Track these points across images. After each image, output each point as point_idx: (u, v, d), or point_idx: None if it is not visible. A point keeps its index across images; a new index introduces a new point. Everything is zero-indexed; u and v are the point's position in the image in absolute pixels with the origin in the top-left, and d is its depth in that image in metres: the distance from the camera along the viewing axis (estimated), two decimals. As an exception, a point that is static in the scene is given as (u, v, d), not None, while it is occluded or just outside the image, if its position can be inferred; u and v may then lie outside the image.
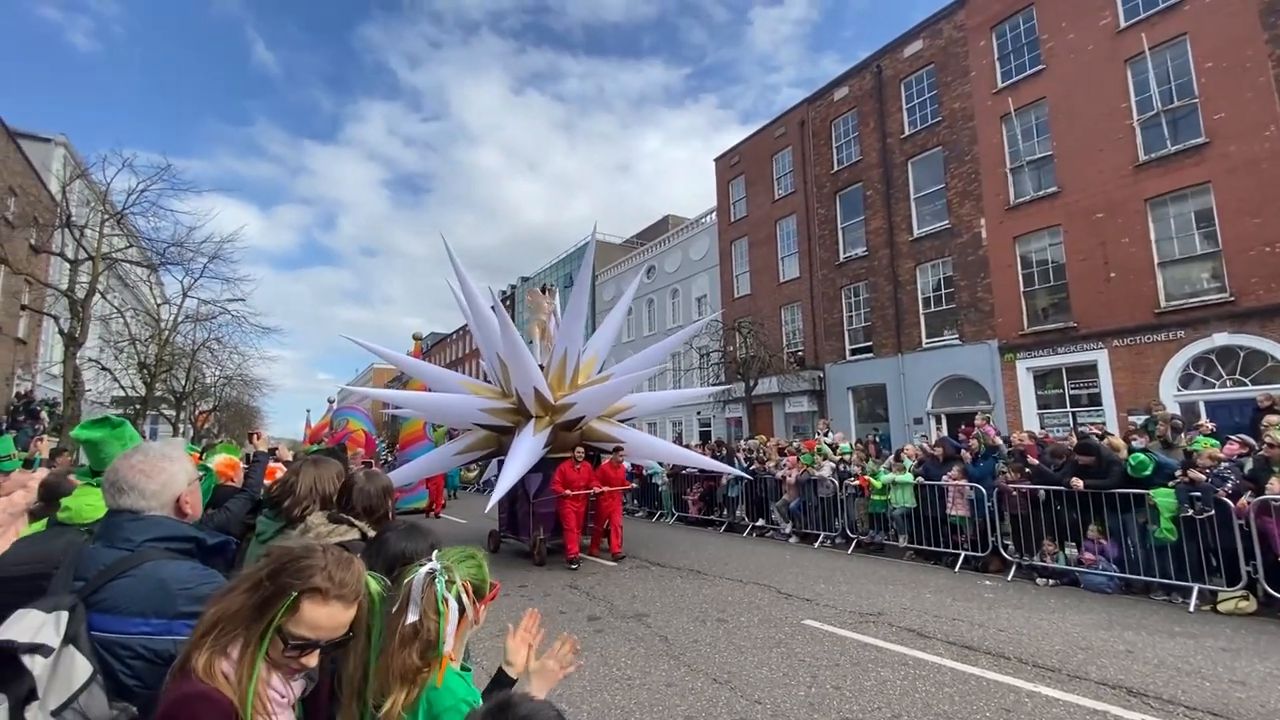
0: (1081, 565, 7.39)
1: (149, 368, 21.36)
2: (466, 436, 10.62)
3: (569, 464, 9.36)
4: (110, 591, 1.40)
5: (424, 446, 17.14)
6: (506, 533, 10.64)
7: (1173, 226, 13.84)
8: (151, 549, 1.51)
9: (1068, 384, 15.38)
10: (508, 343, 8.78)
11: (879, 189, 20.22)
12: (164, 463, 1.69)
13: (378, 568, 1.80)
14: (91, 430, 2.52)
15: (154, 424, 27.60)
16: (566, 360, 9.69)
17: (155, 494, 1.63)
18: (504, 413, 9.55)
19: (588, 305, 9.82)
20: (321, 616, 1.20)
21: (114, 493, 1.62)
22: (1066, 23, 15.75)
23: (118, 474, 1.64)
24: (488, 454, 10.76)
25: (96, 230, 17.32)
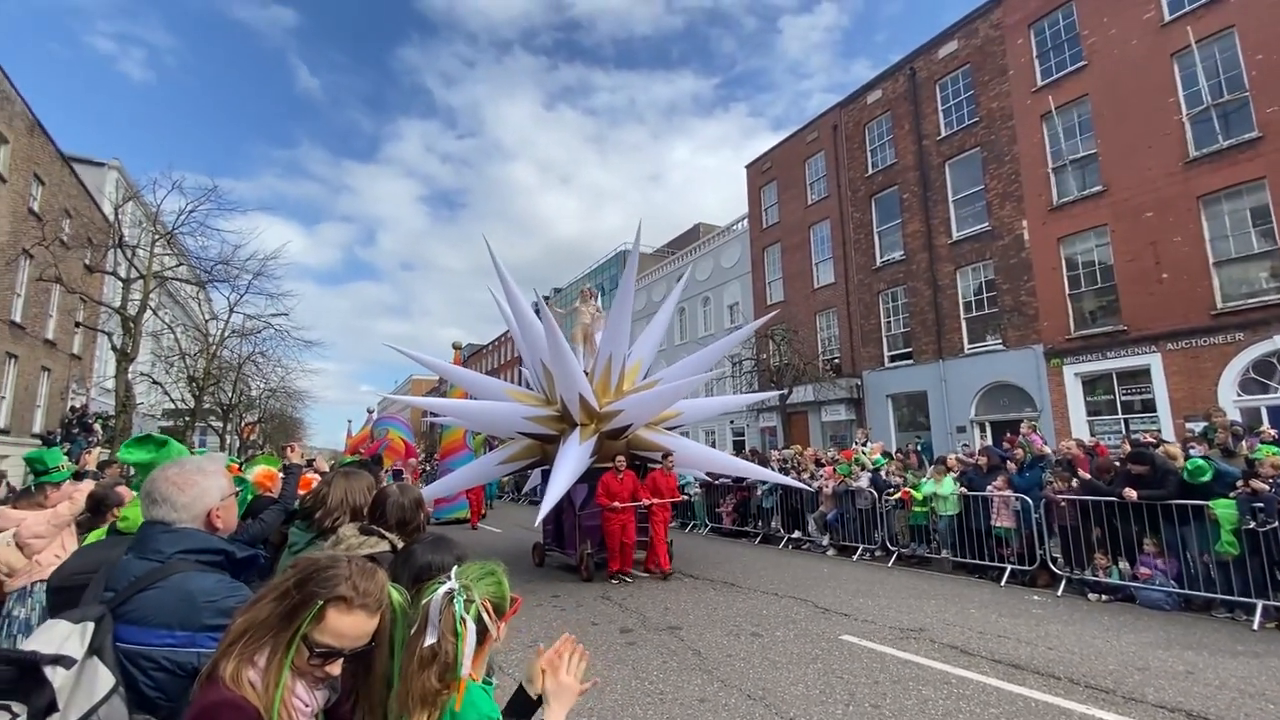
0: (1136, 580, 7.04)
1: (197, 381, 22.19)
2: (509, 445, 10.34)
3: (610, 474, 9.01)
4: (138, 603, 1.42)
5: (464, 456, 17.19)
6: (552, 545, 10.29)
7: (1227, 224, 13.20)
8: (181, 561, 1.53)
9: (1119, 390, 14.75)
10: (553, 347, 8.49)
11: (915, 192, 19.82)
12: (197, 476, 1.72)
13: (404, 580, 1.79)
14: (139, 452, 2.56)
15: (202, 435, 28.63)
16: (611, 365, 9.31)
17: (186, 506, 1.65)
18: (548, 420, 9.22)
19: (632, 309, 9.36)
20: (346, 625, 1.22)
21: (148, 504, 1.66)
22: (1108, 18, 15.25)
23: (153, 485, 1.68)
24: (531, 463, 10.44)
25: (147, 250, 18.12)
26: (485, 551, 10.20)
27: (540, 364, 9.49)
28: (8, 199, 16.53)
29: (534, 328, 9.28)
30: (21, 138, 17.14)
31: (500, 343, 59.44)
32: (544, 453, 9.75)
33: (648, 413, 9.12)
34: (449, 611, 1.31)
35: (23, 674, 1.23)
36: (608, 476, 8.97)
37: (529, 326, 9.37)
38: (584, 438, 8.66)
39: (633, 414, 8.90)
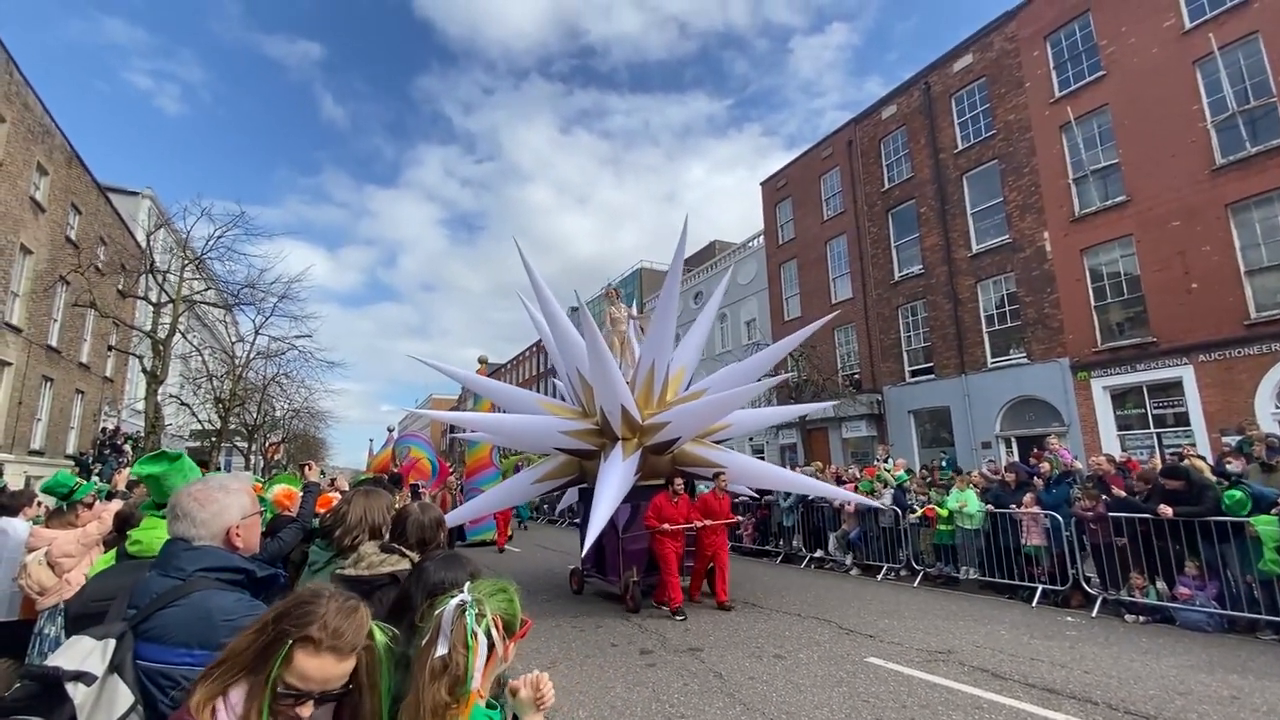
0: (1175, 601, 6.78)
1: (224, 402, 22.61)
2: (544, 462, 9.59)
3: (665, 496, 8.10)
4: (159, 620, 1.42)
5: (490, 474, 16.65)
6: (591, 571, 9.27)
7: (1259, 232, 12.89)
8: (202, 579, 1.54)
9: (1150, 403, 14.37)
10: (593, 354, 7.65)
11: (933, 205, 19.69)
12: (219, 493, 1.73)
13: (417, 596, 1.79)
14: (151, 465, 2.60)
15: (228, 456, 29.11)
16: (654, 374, 8.52)
17: (205, 523, 1.66)
18: (586, 435, 8.53)
19: (676, 311, 8.54)
20: (312, 667, 1.15)
21: (171, 519, 1.68)
22: (1126, 27, 15.13)
23: (176, 500, 1.70)
24: (568, 481, 9.64)
25: (177, 275, 18.63)
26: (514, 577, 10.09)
27: (577, 373, 8.84)
28: (47, 228, 17.15)
29: (569, 334, 8.69)
30: (60, 169, 17.82)
31: (520, 360, 59.70)
32: (582, 470, 9.07)
33: (697, 425, 8.30)
34: (460, 623, 1.30)
35: (46, 689, 1.24)
36: (661, 499, 8.08)
37: (564, 333, 8.71)
38: (627, 453, 7.93)
39: (680, 426, 8.09)
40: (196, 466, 2.75)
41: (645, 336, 8.84)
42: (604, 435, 8.41)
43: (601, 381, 7.82)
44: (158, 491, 2.61)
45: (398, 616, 1.86)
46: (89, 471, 13.31)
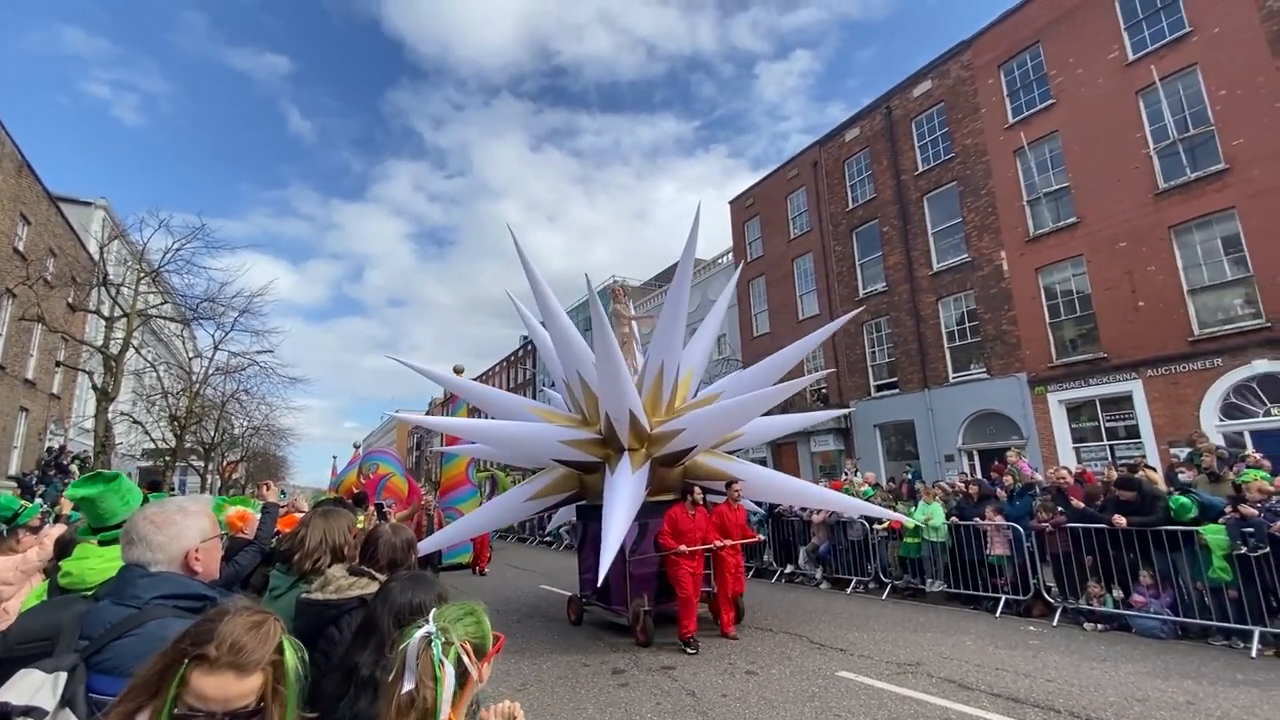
0: (1131, 608, 7.01)
1: (179, 420, 21.81)
2: (539, 477, 8.64)
3: (681, 510, 7.28)
4: (113, 651, 1.37)
5: (466, 492, 15.67)
6: (591, 598, 8.23)
7: (1200, 253, 13.58)
8: (159, 606, 1.48)
9: (1103, 416, 14.91)
10: (602, 354, 6.83)
11: (895, 225, 20.26)
12: (177, 515, 1.67)
13: (385, 618, 1.75)
14: (86, 487, 2.41)
15: (183, 475, 28.02)
16: (663, 377, 7.73)
17: (162, 546, 1.60)
18: (588, 445, 7.69)
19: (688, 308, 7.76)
20: (209, 686, 1.09)
21: (126, 544, 1.61)
22: (1074, 58, 15.91)
23: (132, 524, 1.63)
24: (567, 498, 8.67)
25: (132, 288, 17.99)
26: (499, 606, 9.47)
27: (578, 376, 8.04)
28: (-9, 239, 16.41)
29: (569, 332, 7.88)
30: (10, 178, 17.12)
31: (490, 375, 59.03)
32: (582, 484, 8.26)
33: (715, 432, 7.52)
34: (426, 655, 1.27)
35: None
36: (677, 512, 7.25)
37: (563, 331, 7.85)
38: (636, 465, 7.20)
39: (696, 434, 7.33)
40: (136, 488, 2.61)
41: (653, 335, 7.93)
42: (608, 445, 7.59)
43: (610, 385, 7.00)
44: (93, 516, 2.45)
45: (364, 639, 1.81)
46: (31, 493, 12.67)
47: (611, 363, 6.79)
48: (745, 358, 24.09)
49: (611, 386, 7.02)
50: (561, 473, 8.34)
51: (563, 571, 13.79)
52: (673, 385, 7.98)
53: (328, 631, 2.34)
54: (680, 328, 7.69)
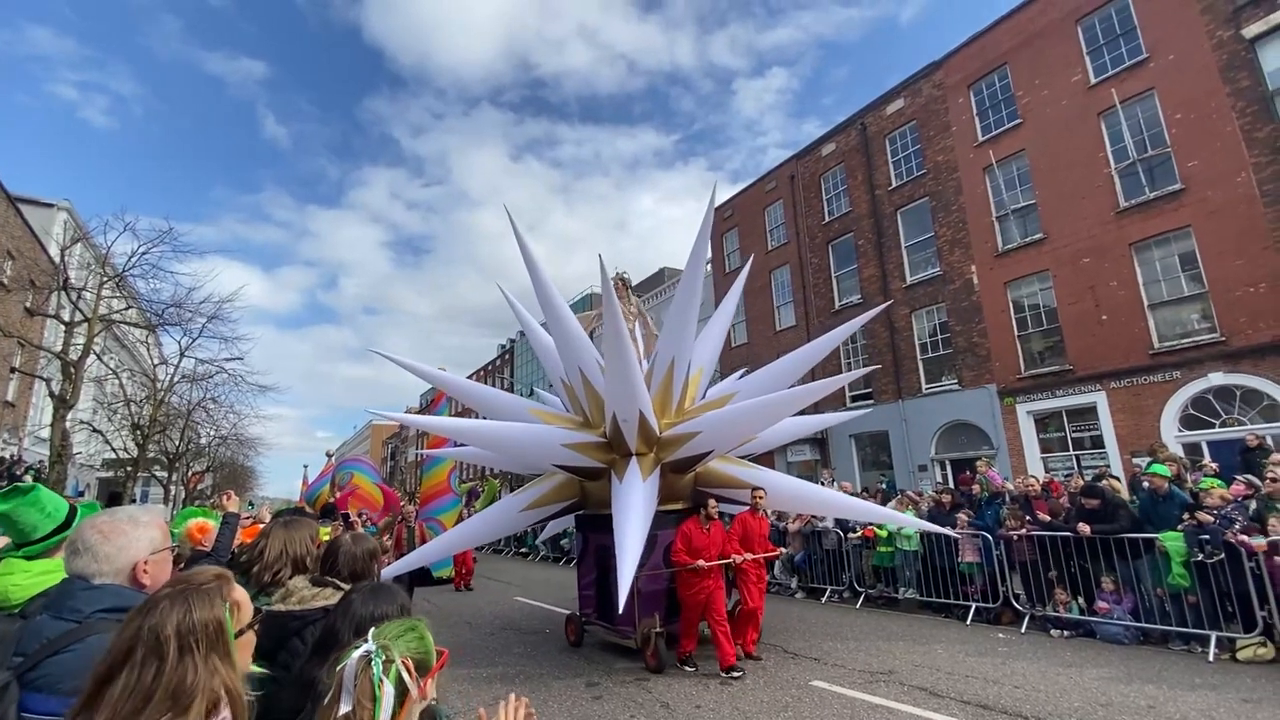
0: (1095, 615, 7.16)
1: (142, 429, 21.17)
2: (536, 485, 7.92)
3: (694, 524, 6.66)
4: (49, 668, 1.31)
5: (448, 502, 13.99)
6: (591, 618, 7.63)
7: (1159, 269, 14.07)
8: (101, 620, 1.42)
9: (1069, 427, 15.28)
10: (612, 348, 6.13)
11: (870, 238, 20.62)
12: (126, 525, 1.62)
13: (345, 631, 1.70)
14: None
15: (145, 486, 27.17)
16: (674, 375, 7.10)
17: (109, 558, 1.55)
18: (591, 449, 7.00)
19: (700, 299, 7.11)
20: None
21: (70, 554, 1.55)
22: (1039, 80, 16.44)
23: (78, 534, 1.58)
24: (565, 507, 7.99)
25: (94, 292, 17.47)
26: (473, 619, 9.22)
27: (580, 374, 7.35)
28: (-56, 240, 15.83)
29: (570, 326, 7.22)
30: (-36, 178, 16.55)
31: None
32: (583, 492, 7.64)
33: (735, 435, 6.91)
34: (366, 675, 1.23)
35: None
36: (690, 527, 6.63)
37: (564, 324, 7.17)
38: (646, 471, 6.63)
39: (713, 438, 6.68)
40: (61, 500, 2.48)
41: (663, 329, 7.32)
42: (613, 450, 6.97)
43: (619, 383, 6.38)
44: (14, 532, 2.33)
45: (323, 652, 1.76)
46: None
47: (622, 358, 6.14)
48: (722, 368, 24.22)
49: (621, 384, 6.37)
50: (560, 479, 7.62)
51: (539, 584, 13.67)
52: (683, 384, 7.35)
53: (290, 644, 2.29)
54: (692, 321, 7.01)
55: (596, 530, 7.52)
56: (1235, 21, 13.11)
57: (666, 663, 6.46)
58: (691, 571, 6.45)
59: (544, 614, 9.97)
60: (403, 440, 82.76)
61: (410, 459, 75.30)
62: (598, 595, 7.48)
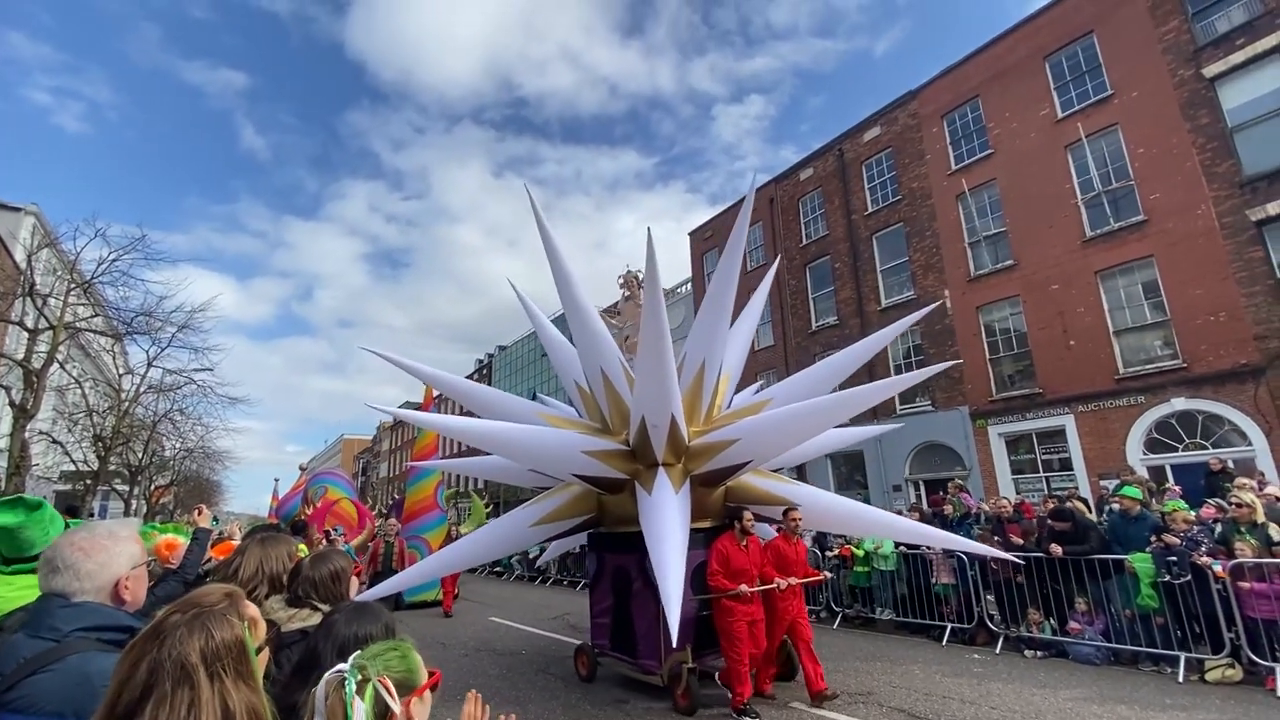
0: (1068, 635, 7.27)
1: (104, 440, 20.48)
2: (548, 498, 6.94)
3: (730, 541, 5.94)
4: (28, 688, 1.26)
5: (434, 518, 13.84)
6: (606, 649, 6.77)
7: (1123, 297, 14.55)
8: (81, 639, 1.39)
9: (1039, 449, 15.62)
10: (650, 339, 5.36)
11: (847, 261, 21.02)
12: (107, 541, 1.58)
13: (329, 654, 1.65)
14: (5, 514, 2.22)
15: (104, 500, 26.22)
16: (704, 378, 6.43)
17: (91, 575, 1.52)
18: (614, 457, 6.20)
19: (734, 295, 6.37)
20: None
21: (48, 572, 1.50)
22: (1009, 113, 17.04)
23: (56, 551, 1.53)
24: (581, 524, 7.03)
25: (61, 299, 16.98)
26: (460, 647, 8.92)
27: (600, 375, 6.66)
28: (-99, 242, 15.28)
29: (589, 318, 6.56)
30: (-75, 179, 16.03)
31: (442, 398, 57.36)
32: (601, 507, 6.78)
33: (776, 446, 6.13)
34: (337, 695, 1.21)
35: None
36: (727, 545, 5.90)
37: (585, 320, 6.51)
38: (677, 484, 5.97)
39: (752, 447, 5.91)
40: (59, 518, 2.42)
41: (693, 327, 6.59)
42: (637, 459, 6.21)
43: (653, 382, 5.60)
44: (10, 546, 2.24)
45: (304, 675, 1.71)
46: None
47: (659, 354, 5.39)
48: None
49: (655, 384, 5.60)
50: (576, 492, 6.76)
51: (516, 604, 13.44)
52: (713, 389, 6.65)
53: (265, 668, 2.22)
54: (725, 319, 6.31)
55: (613, 550, 6.82)
56: (1196, 61, 13.77)
57: (699, 703, 5.63)
58: (733, 598, 5.62)
59: (520, 635, 9.81)
60: (375, 455, 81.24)
61: (382, 475, 73.88)
62: (615, 624, 6.68)
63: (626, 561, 6.47)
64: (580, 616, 11.03)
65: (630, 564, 6.36)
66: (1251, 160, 12.90)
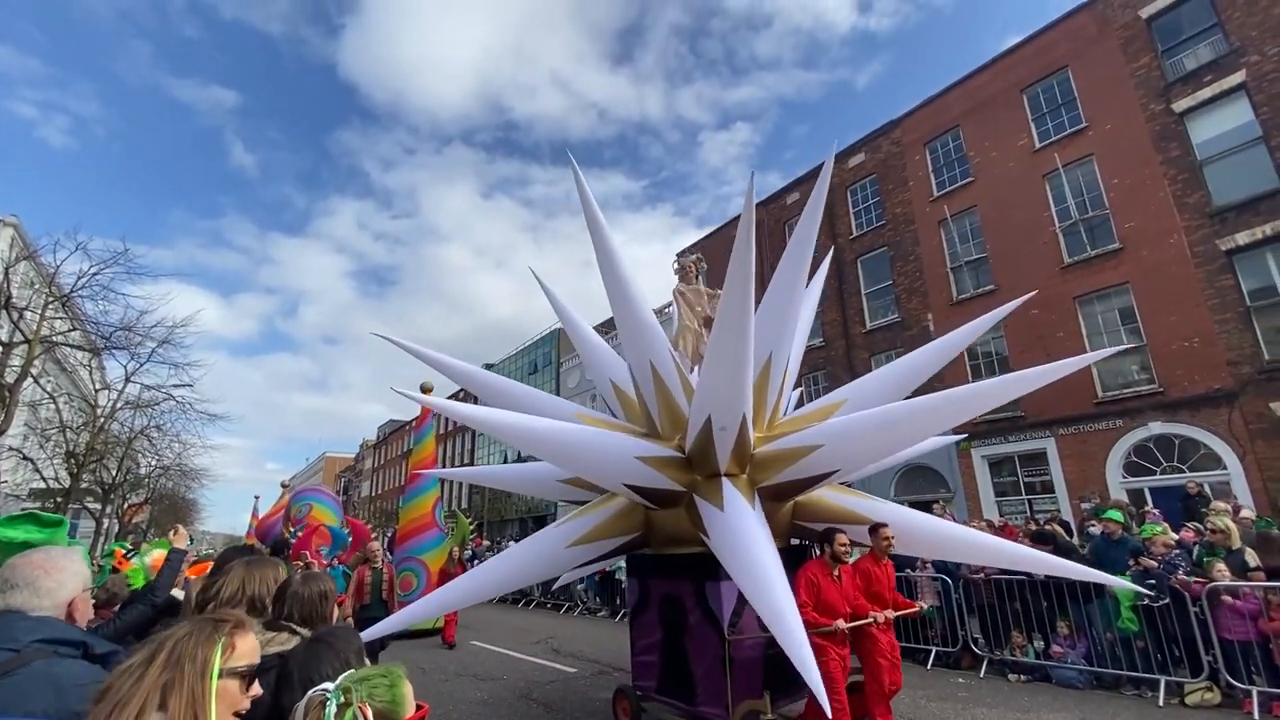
0: (1051, 659, 7.29)
1: (77, 457, 20.02)
2: (588, 514, 5.78)
3: (820, 567, 5.03)
4: None
5: (432, 539, 12.41)
6: (652, 692, 5.72)
7: (1101, 322, 14.86)
8: (39, 650, 1.44)
9: (1021, 471, 15.78)
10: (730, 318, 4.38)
11: (832, 284, 21.28)
12: (64, 562, 1.69)
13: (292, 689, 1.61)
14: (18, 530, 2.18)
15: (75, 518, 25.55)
16: (770, 374, 5.44)
17: (50, 592, 1.60)
18: (669, 466, 5.17)
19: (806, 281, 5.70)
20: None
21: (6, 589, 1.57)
22: (989, 142, 17.49)
23: (13, 571, 1.61)
24: (625, 544, 5.86)
25: (37, 312, 16.70)
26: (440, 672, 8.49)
27: (649, 368, 5.64)
28: (-125, 253, 14.98)
29: (641, 310, 5.59)
30: (-97, 189, 15.80)
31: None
32: (647, 525, 5.75)
33: (869, 452, 5.16)
34: (316, 714, 1.20)
35: None
36: (816, 572, 5.01)
37: (634, 308, 5.53)
38: (748, 498, 4.98)
39: (839, 453, 4.86)
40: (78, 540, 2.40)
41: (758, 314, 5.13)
42: (694, 468, 5.21)
43: (723, 375, 4.55)
44: None
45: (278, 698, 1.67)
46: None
47: (738, 338, 4.36)
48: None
49: (726, 377, 4.54)
50: (620, 508, 5.73)
51: (496, 628, 13.22)
52: (778, 389, 5.68)
53: (241, 692, 2.17)
54: (797, 305, 5.42)
55: (661, 575, 5.85)
56: (1166, 96, 14.27)
57: None
58: (825, 635, 4.65)
59: (502, 660, 9.63)
60: (357, 474, 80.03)
61: (365, 493, 72.75)
62: (665, 663, 5.60)
63: (679, 589, 5.50)
64: (564, 641, 10.88)
65: (684, 592, 5.41)
66: (1220, 192, 13.33)
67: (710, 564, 4.95)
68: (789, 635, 3.57)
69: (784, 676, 5.07)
